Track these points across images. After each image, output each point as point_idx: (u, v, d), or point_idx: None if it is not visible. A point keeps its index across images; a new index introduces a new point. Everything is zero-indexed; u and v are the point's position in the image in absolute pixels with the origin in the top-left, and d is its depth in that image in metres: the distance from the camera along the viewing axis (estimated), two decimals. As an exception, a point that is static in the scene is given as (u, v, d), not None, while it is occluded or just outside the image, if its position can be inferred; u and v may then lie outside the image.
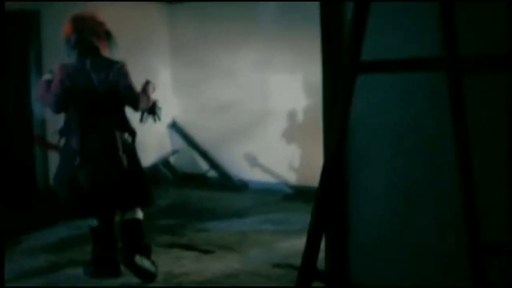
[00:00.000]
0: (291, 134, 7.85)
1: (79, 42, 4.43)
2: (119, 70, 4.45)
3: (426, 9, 2.10)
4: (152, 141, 8.56)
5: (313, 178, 7.29)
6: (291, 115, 7.85)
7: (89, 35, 4.44)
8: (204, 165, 8.61)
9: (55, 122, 7.52)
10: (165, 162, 8.67)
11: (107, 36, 4.56)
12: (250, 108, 8.14)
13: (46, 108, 4.72)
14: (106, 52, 4.56)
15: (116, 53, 4.60)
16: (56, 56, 7.42)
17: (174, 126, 8.83)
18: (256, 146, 8.12)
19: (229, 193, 7.91)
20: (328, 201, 1.94)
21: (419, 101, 2.26)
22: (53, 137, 5.06)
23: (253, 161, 8.08)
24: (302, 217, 6.57)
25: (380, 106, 2.35)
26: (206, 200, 7.58)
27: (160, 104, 4.92)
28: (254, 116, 8.11)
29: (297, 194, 7.53)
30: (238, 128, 8.25)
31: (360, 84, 1.86)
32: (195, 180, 8.58)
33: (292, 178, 7.88)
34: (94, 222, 4.65)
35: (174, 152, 8.81)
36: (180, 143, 8.82)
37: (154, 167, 8.42)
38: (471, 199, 1.80)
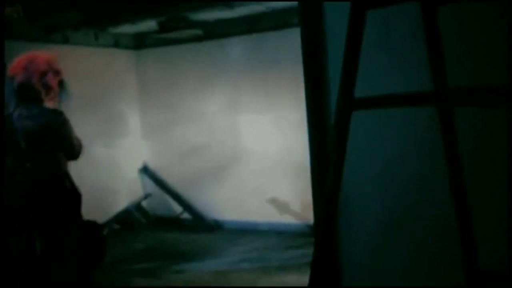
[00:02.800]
0: (264, 173, 7.89)
1: (17, 89, 3.72)
2: (56, 122, 3.76)
3: (409, 42, 2.11)
4: (124, 186, 8.53)
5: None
6: (264, 155, 7.90)
7: (36, 82, 3.76)
8: (177, 208, 8.58)
9: None
10: (137, 206, 8.62)
11: (60, 86, 3.93)
12: (220, 149, 8.18)
13: None
14: (51, 104, 3.84)
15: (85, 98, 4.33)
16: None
17: (146, 171, 8.81)
18: (229, 187, 8.13)
19: (204, 234, 7.88)
20: (328, 244, 1.90)
21: (409, 136, 2.24)
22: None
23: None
24: (279, 254, 6.60)
25: (368, 142, 2.33)
26: (181, 242, 7.53)
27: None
28: (225, 157, 8.15)
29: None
30: (210, 169, 8.27)
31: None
32: (169, 223, 8.53)
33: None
34: None
35: (147, 196, 8.77)
36: (152, 186, 8.79)
37: (127, 212, 8.37)
38: (468, 234, 1.81)
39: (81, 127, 4.99)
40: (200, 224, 8.29)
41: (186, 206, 8.49)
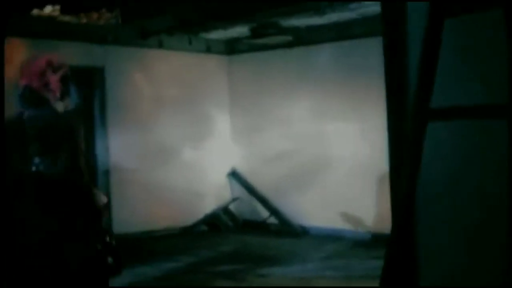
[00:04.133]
0: (349, 181, 7.83)
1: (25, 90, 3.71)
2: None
3: (490, 55, 2.04)
4: (212, 190, 8.69)
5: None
6: (350, 163, 7.83)
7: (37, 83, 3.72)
8: (264, 212, 8.65)
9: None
10: (225, 209, 8.75)
11: (63, 83, 3.82)
12: (307, 155, 8.18)
13: None
14: (61, 103, 3.82)
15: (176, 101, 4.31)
16: (119, 108, 7.78)
17: (234, 174, 8.93)
18: (315, 193, 8.11)
19: (290, 239, 7.89)
20: (401, 250, 1.88)
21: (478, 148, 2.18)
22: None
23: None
24: (363, 263, 6.51)
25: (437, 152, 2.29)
26: (267, 246, 7.58)
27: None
28: (312, 164, 8.14)
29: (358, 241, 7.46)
30: (296, 175, 8.29)
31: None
32: (255, 227, 8.61)
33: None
34: None
35: (234, 199, 8.89)
36: (240, 190, 8.90)
37: (215, 215, 8.52)
38: None
39: (173, 129, 5.15)
40: (286, 229, 8.31)
41: (273, 210, 8.54)
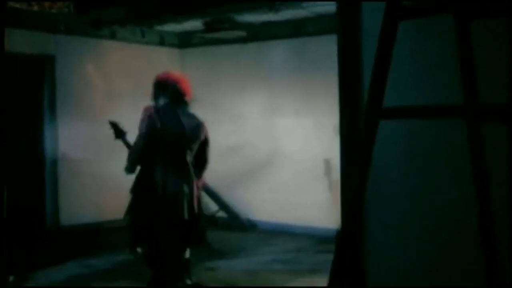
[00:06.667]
0: (299, 177, 7.92)
1: (175, 91, 4.88)
2: (204, 128, 4.99)
3: (441, 55, 2.11)
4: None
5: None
6: (300, 159, 7.93)
7: (184, 90, 4.95)
8: (213, 206, 8.68)
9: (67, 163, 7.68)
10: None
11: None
12: (257, 150, 8.25)
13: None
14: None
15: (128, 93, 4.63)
16: (69, 98, 7.67)
17: (184, 167, 8.93)
18: (264, 188, 8.19)
19: (238, 234, 7.95)
20: (349, 247, 1.92)
21: (429, 145, 2.24)
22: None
23: None
24: (310, 257, 6.62)
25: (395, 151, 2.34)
26: (215, 240, 7.60)
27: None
28: (262, 159, 8.21)
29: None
30: (246, 170, 8.35)
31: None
32: (204, 220, 8.62)
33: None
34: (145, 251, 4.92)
35: (184, 193, 8.88)
36: (189, 184, 8.90)
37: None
38: (490, 244, 1.82)
39: (123, 121, 5.17)
40: (234, 223, 8.37)
41: (222, 204, 8.58)
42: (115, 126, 5.12)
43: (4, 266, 3.94)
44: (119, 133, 5.09)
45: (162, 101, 4.88)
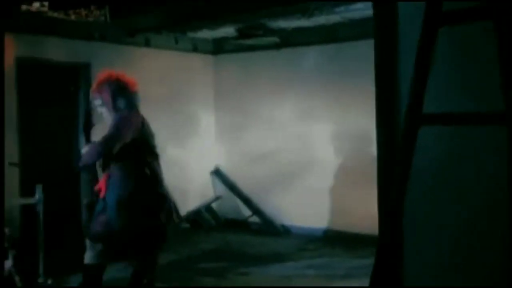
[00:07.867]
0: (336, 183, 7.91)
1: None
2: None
3: (484, 62, 2.05)
4: (195, 188, 8.72)
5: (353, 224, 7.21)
6: (334, 165, 7.91)
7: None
8: (246, 211, 8.70)
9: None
10: (207, 207, 8.79)
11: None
12: (291, 156, 8.25)
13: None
14: None
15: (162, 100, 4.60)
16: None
17: (217, 173, 8.98)
18: (298, 193, 8.19)
19: (272, 238, 7.96)
20: (387, 257, 1.91)
21: (479, 155, 2.18)
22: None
23: None
24: (345, 262, 6.60)
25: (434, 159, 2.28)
26: (249, 245, 7.64)
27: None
28: (296, 164, 8.21)
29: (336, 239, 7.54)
30: (280, 175, 8.35)
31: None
32: (237, 225, 8.66)
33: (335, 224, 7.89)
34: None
35: (217, 198, 8.93)
36: (223, 189, 8.95)
37: (197, 213, 8.56)
38: None
39: (157, 128, 5.20)
40: (268, 228, 8.38)
41: (255, 209, 8.60)
42: (88, 115, 4.81)
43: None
44: (88, 125, 4.73)
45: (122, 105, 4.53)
